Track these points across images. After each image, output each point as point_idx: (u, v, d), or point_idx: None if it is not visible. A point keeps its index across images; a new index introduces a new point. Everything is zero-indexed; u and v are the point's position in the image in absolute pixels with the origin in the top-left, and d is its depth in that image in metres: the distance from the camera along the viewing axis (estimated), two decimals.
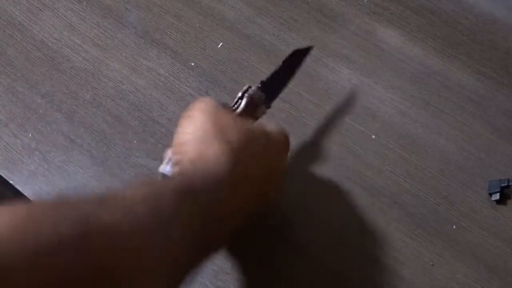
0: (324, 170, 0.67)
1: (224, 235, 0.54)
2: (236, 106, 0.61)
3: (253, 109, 0.62)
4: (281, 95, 0.67)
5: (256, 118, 0.62)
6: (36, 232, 0.41)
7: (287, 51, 0.74)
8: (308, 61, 0.74)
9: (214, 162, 0.52)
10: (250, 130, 0.56)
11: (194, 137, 0.55)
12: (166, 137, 0.69)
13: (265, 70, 0.73)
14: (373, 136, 0.69)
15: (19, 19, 0.78)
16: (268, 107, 0.64)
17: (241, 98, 0.61)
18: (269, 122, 0.61)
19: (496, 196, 0.64)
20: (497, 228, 0.63)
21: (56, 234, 0.41)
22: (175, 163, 0.56)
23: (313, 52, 0.74)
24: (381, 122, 0.70)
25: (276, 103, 0.66)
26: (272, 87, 0.65)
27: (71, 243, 0.42)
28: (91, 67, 0.74)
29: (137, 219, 0.46)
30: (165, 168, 0.58)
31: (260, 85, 0.63)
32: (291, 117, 0.70)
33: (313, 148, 0.68)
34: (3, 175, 0.68)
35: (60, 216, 0.43)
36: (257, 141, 0.56)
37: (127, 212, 0.45)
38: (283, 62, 0.67)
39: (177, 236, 0.47)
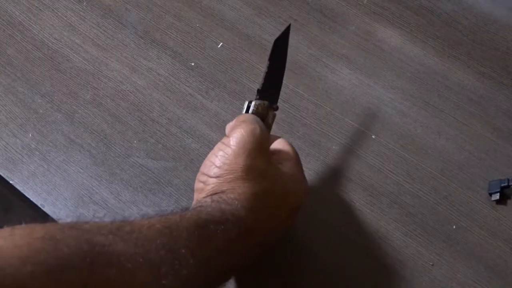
0: (324, 170, 0.67)
1: (234, 269, 0.54)
2: None
3: (263, 120, 0.59)
4: (281, 95, 0.67)
5: (270, 126, 0.61)
6: (52, 252, 0.41)
7: (287, 51, 0.74)
8: (308, 61, 0.74)
9: (234, 203, 0.52)
10: (277, 177, 0.56)
11: (221, 173, 0.54)
12: (166, 137, 0.69)
13: None
14: (373, 136, 0.69)
15: (19, 19, 0.78)
16: (276, 109, 0.62)
17: None
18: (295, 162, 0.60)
19: (496, 196, 0.64)
20: (497, 228, 0.63)
21: (71, 256, 0.42)
22: (196, 189, 0.56)
23: (313, 52, 0.75)
24: (381, 122, 0.70)
25: None
26: (271, 88, 0.62)
27: (83, 268, 0.42)
28: (91, 67, 0.74)
29: (149, 254, 0.46)
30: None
31: (258, 96, 0.61)
32: (291, 117, 0.70)
33: (312, 148, 0.68)
34: (3, 175, 0.68)
35: (77, 239, 0.43)
36: (281, 187, 0.56)
37: (140, 246, 0.46)
38: (270, 59, 0.62)
39: (187, 274, 0.47)
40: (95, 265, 0.43)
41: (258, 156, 0.55)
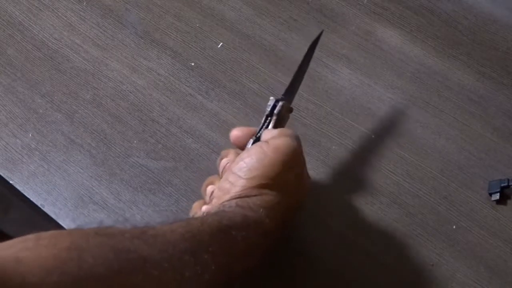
0: (324, 170, 0.67)
1: (250, 270, 0.55)
2: (265, 125, 0.60)
3: (281, 121, 0.61)
4: None
5: (282, 125, 0.62)
6: (77, 262, 0.41)
7: (287, 51, 0.74)
8: None
9: (258, 211, 0.53)
10: (303, 191, 0.58)
11: (252, 176, 0.54)
12: (166, 137, 0.69)
13: (265, 70, 0.73)
14: (373, 136, 0.69)
15: (19, 19, 0.78)
16: (291, 111, 0.63)
17: (270, 115, 0.60)
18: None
19: (496, 196, 0.64)
20: (497, 228, 0.63)
21: (97, 266, 0.42)
22: (221, 188, 0.56)
23: None
24: (381, 122, 0.70)
25: None
26: (292, 90, 0.64)
27: (109, 276, 0.42)
28: (91, 67, 0.74)
29: (173, 259, 0.46)
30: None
31: (284, 96, 0.62)
32: (291, 117, 0.70)
33: (312, 148, 0.68)
34: (3, 175, 0.68)
35: (102, 248, 0.43)
36: (299, 199, 0.58)
37: (164, 250, 0.46)
38: (304, 60, 0.64)
39: (209, 279, 0.47)
40: (121, 273, 0.43)
41: (291, 171, 0.56)
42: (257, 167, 0.55)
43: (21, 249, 0.41)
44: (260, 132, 0.60)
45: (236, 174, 0.55)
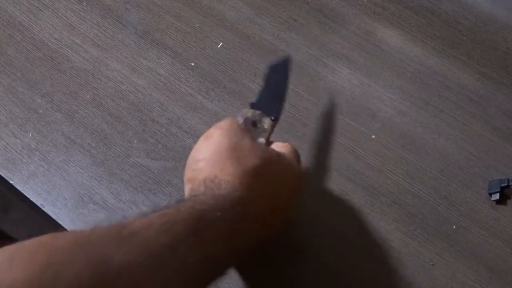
0: (324, 170, 0.67)
1: (236, 256, 0.54)
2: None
3: (254, 127, 0.61)
4: None
5: (265, 130, 0.61)
6: (54, 280, 0.41)
7: (287, 51, 0.74)
8: (308, 61, 0.74)
9: (226, 185, 0.53)
10: (265, 155, 0.57)
11: (210, 156, 0.55)
12: (166, 137, 0.69)
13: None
14: (373, 136, 0.69)
15: (19, 19, 0.78)
16: (275, 119, 0.62)
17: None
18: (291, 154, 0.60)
19: (496, 196, 0.64)
20: (497, 228, 0.63)
21: (76, 280, 0.41)
22: (188, 180, 0.56)
23: (313, 52, 0.74)
24: (381, 122, 0.70)
25: None
26: (268, 102, 0.64)
27: None
28: (91, 67, 0.74)
29: (153, 257, 0.46)
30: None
31: (250, 105, 0.63)
32: (291, 117, 0.70)
33: (313, 148, 0.68)
34: (3, 175, 0.68)
35: (80, 261, 0.43)
36: (272, 165, 0.56)
37: (143, 250, 0.45)
38: (265, 79, 0.66)
39: (191, 268, 0.47)
40: (103, 286, 0.42)
41: (242, 138, 0.56)
42: (209, 147, 0.56)
43: None
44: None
45: (195, 160, 0.56)
